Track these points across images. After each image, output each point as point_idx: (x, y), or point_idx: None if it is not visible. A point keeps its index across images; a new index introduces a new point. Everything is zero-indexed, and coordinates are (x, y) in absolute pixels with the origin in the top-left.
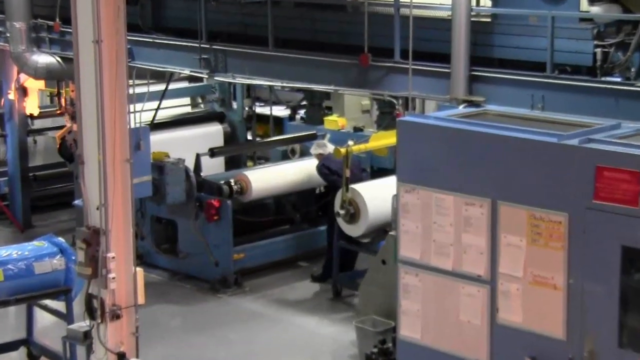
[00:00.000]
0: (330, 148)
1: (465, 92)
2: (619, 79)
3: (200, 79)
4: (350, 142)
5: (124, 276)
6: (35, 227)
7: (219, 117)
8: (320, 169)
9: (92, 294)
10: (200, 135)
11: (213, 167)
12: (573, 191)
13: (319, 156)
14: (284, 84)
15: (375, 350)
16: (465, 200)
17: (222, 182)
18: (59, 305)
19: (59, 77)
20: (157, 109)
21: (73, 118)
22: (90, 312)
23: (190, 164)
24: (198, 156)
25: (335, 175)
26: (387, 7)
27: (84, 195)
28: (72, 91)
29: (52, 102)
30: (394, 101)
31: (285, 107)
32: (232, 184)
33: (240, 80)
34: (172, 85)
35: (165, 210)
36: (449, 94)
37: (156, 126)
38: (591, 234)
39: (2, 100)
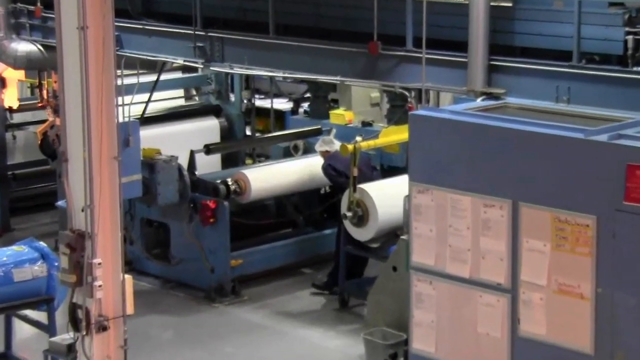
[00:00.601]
0: (337, 145)
1: (484, 83)
2: None
3: (194, 69)
4: (358, 138)
5: (111, 284)
6: (15, 230)
7: (215, 111)
8: (326, 169)
9: (76, 304)
10: (194, 130)
11: (208, 165)
12: (602, 192)
13: (325, 154)
14: (286, 75)
15: None
16: (484, 202)
17: (219, 181)
18: (40, 315)
19: (40, 67)
20: (147, 102)
21: (56, 111)
22: (75, 323)
23: (183, 161)
24: (192, 153)
25: (343, 176)
26: None
27: (68, 196)
28: (55, 82)
29: (32, 94)
30: (406, 93)
31: (287, 100)
32: (230, 183)
33: (239, 70)
34: (164, 76)
35: (157, 212)
36: (465, 86)
37: (147, 120)
38: (621, 238)
39: None
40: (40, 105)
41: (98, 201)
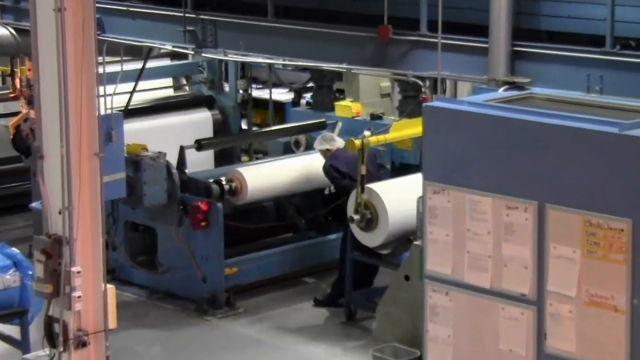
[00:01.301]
0: (339, 142)
1: (507, 71)
2: None
3: (184, 56)
4: (367, 133)
5: (91, 295)
6: None
7: (207, 102)
8: (328, 170)
9: (52, 317)
10: (184, 123)
11: (200, 163)
12: (638, 192)
13: (325, 153)
14: (287, 62)
15: None
16: (507, 203)
17: (211, 180)
18: (12, 330)
19: (12, 53)
20: (132, 92)
21: (30, 103)
22: (51, 338)
23: (172, 158)
24: (182, 149)
25: (347, 178)
26: None
27: (44, 197)
28: (29, 70)
29: (4, 83)
30: (420, 83)
31: (287, 90)
32: (224, 183)
33: (234, 57)
34: (151, 64)
35: (142, 215)
36: (486, 75)
37: (131, 113)
38: None
39: None
40: (12, 95)
41: (77, 202)
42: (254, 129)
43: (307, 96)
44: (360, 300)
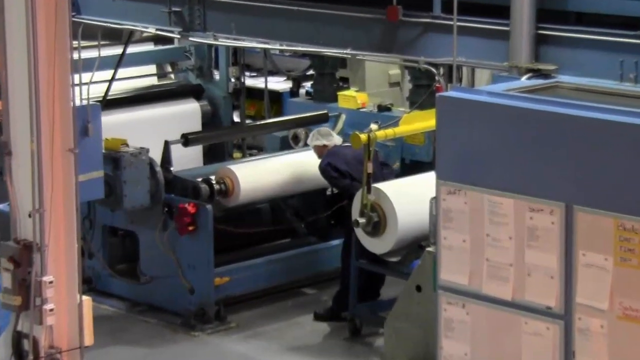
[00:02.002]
0: (336, 138)
1: (530, 57)
2: None
3: (170, 40)
4: (374, 126)
5: (65, 308)
6: None
7: (195, 92)
8: (325, 170)
9: (21, 332)
10: (169, 116)
11: (187, 160)
12: None
13: (321, 150)
14: (284, 47)
15: None
16: (530, 205)
17: (200, 179)
18: None
19: None
20: (111, 81)
21: None
22: (19, 356)
23: (156, 155)
24: (167, 144)
25: (348, 178)
26: None
27: (12, 198)
28: None
29: None
30: (433, 70)
31: (285, 79)
32: (213, 182)
33: (225, 41)
34: (132, 49)
35: (122, 218)
36: (507, 61)
37: (110, 104)
38: None
39: None
40: None
41: (49, 204)
42: (248, 121)
43: (307, 85)
44: (366, 314)
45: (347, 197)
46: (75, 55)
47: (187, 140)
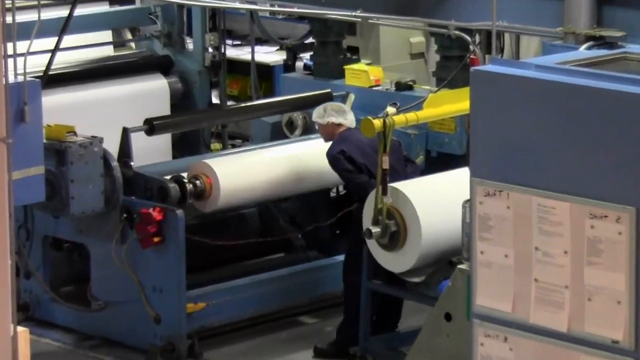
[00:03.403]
0: (352, 119)
1: (591, 21)
2: None
3: (129, 0)
4: (391, 109)
5: None
6: None
7: (162, 65)
8: (336, 159)
9: None
10: (129, 96)
11: (153, 152)
12: None
13: (331, 130)
14: (276, 8)
15: None
16: (591, 210)
17: (169, 177)
18: None
19: None
20: (54, 51)
21: None
22: None
23: (112, 146)
24: (126, 132)
25: (366, 172)
26: None
27: None
28: None
29: None
30: (467, 38)
31: (277, 49)
32: (186, 181)
33: (199, 1)
34: (81, 10)
35: (69, 227)
36: (561, 26)
37: (53, 80)
38: None
39: None
40: None
41: None
42: (230, 103)
43: (306, 57)
44: (380, 350)
45: (358, 199)
46: (9, 19)
47: (151, 126)
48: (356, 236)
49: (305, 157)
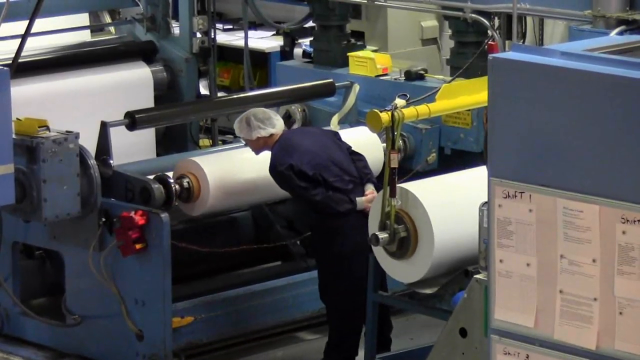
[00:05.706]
0: (281, 122)
1: (623, 4)
2: None
3: None
4: (400, 101)
5: None
6: None
7: (145, 52)
8: (285, 176)
9: None
10: (108, 86)
11: (134, 149)
12: None
13: (263, 142)
14: None
15: None
16: (623, 214)
17: (152, 177)
18: None
19: None
20: (24, 36)
21: None
22: None
23: (89, 142)
24: (105, 127)
25: (322, 185)
26: None
27: None
28: None
29: None
30: (485, 22)
31: (273, 34)
32: (171, 181)
33: None
34: None
35: (41, 233)
36: (590, 8)
37: (23, 69)
38: None
39: None
40: None
41: None
42: (220, 94)
43: (305, 43)
44: None
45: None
46: None
47: (133, 120)
48: (319, 252)
49: None
